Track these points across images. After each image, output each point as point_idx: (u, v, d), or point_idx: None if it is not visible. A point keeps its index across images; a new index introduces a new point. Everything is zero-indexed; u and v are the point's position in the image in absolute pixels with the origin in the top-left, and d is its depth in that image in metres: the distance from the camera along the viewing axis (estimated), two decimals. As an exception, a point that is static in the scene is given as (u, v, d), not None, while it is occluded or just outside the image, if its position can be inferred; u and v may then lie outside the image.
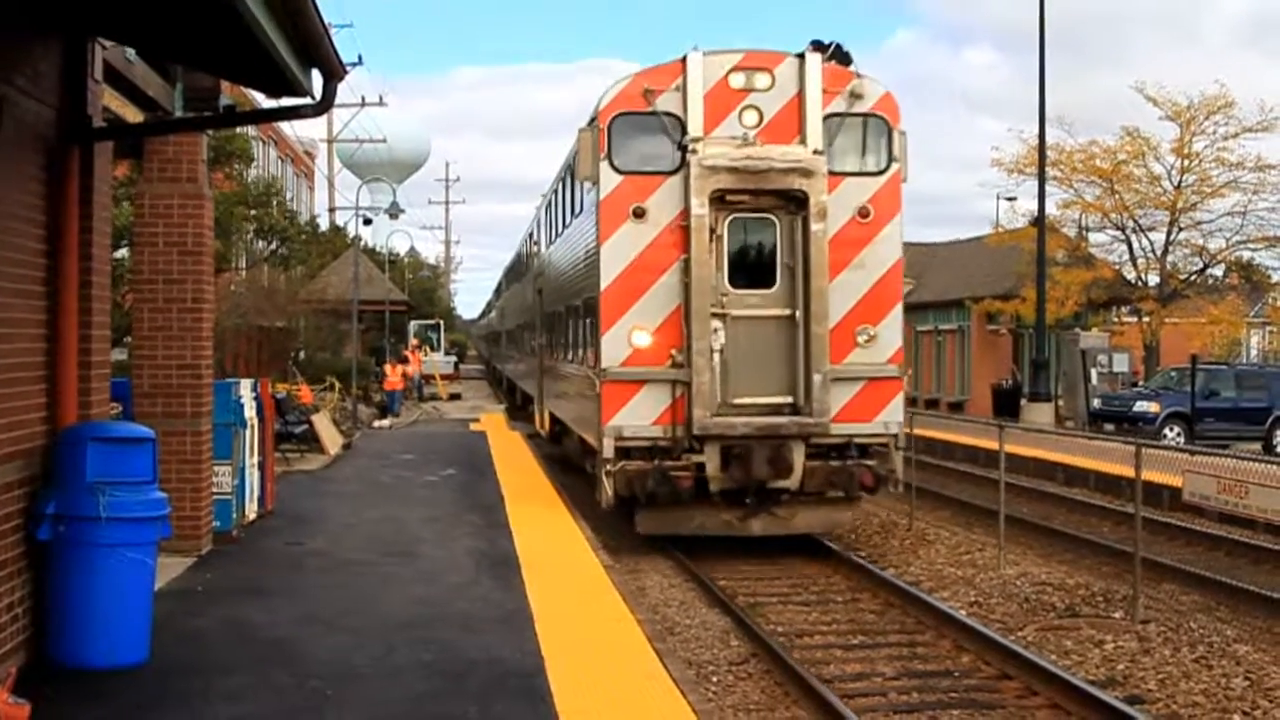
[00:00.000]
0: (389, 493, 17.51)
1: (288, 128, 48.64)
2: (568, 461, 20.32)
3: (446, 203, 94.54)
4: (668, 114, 13.97)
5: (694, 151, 13.63)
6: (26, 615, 7.76)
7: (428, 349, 51.86)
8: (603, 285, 13.97)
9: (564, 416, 19.25)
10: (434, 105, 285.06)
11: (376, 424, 31.95)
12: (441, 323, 62.58)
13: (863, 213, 14.07)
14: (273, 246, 30.83)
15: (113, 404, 10.15)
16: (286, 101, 8.32)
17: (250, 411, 13.65)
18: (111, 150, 9.51)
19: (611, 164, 14.05)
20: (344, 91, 14.21)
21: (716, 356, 13.62)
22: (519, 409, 31.65)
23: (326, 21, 7.30)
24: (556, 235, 20.19)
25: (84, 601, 7.65)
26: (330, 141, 55.68)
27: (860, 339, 13.99)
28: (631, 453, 13.73)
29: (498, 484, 18.31)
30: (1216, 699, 9.08)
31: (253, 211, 27.41)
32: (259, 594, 10.24)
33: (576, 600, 10.18)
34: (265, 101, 11.11)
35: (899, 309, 14.32)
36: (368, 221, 41.70)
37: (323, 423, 24.02)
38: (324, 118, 49.48)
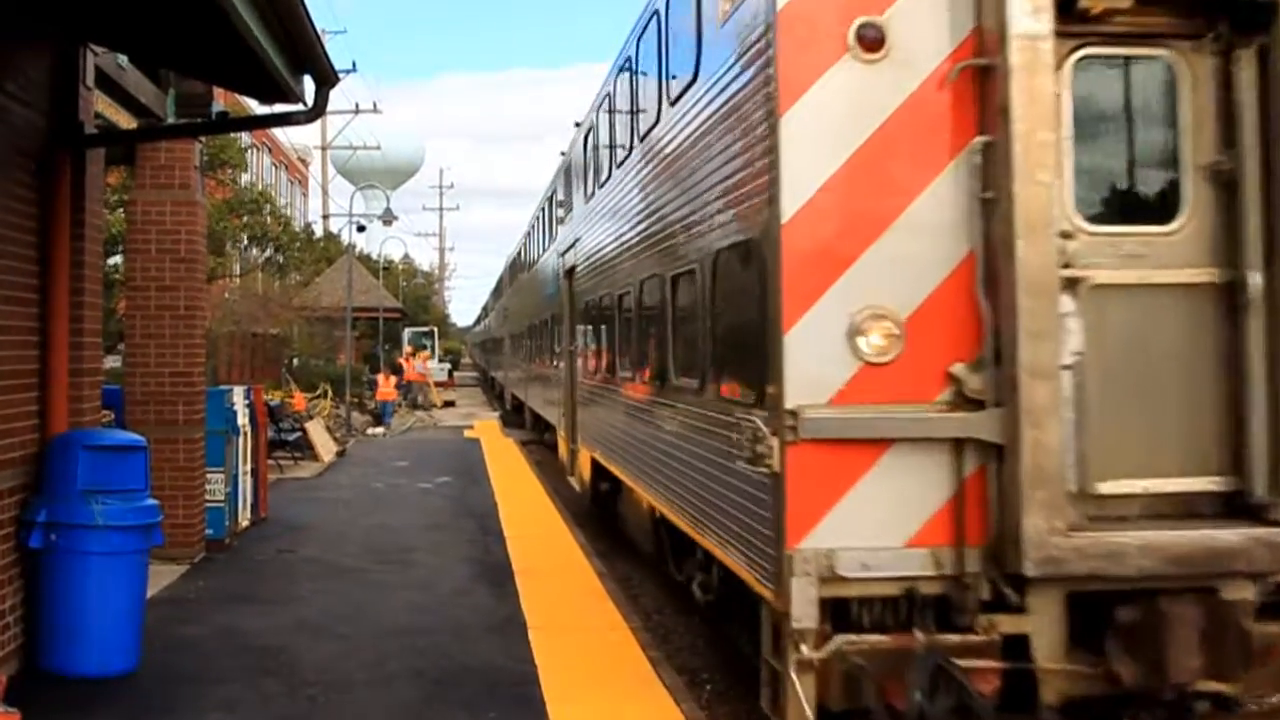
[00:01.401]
0: (383, 500, 17.46)
1: (281, 135, 48.77)
2: (629, 546, 13.13)
3: (440, 209, 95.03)
4: None
5: None
6: (18, 624, 7.74)
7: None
8: (785, 214, 6.21)
9: (638, 483, 10.95)
10: (426, 111, 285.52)
11: (370, 431, 31.94)
12: (436, 330, 62.64)
13: None
14: (267, 253, 30.85)
15: (105, 411, 10.14)
16: (279, 108, 8.32)
17: (243, 419, 13.65)
18: (103, 157, 9.50)
19: None
20: (337, 97, 14.14)
21: (1068, 380, 6.16)
22: (525, 428, 30.09)
23: (318, 28, 7.30)
24: (617, 163, 11.92)
25: (75, 610, 7.62)
26: (324, 148, 55.80)
27: None
28: (854, 610, 6.28)
29: (491, 491, 18.28)
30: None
31: (244, 219, 27.43)
32: (252, 601, 10.21)
33: (572, 605, 10.16)
34: (258, 108, 11.11)
35: None
36: (361, 228, 41.74)
37: (316, 430, 23.99)
38: (318, 124, 49.57)
